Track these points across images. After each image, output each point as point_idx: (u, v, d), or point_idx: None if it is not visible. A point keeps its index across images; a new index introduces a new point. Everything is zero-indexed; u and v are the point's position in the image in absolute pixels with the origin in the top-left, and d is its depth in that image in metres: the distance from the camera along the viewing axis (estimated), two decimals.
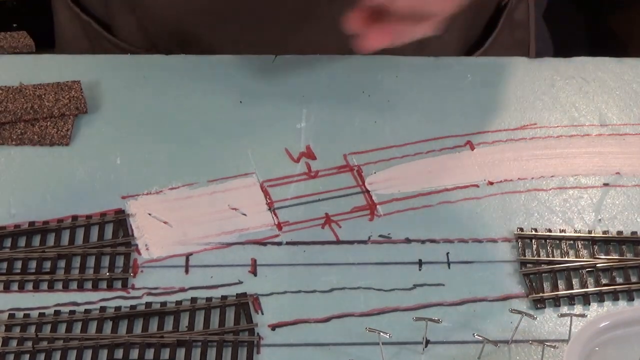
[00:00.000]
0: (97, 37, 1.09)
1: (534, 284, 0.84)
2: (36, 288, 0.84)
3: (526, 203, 0.90)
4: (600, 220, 0.89)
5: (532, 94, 0.99)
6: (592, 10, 1.21)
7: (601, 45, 1.35)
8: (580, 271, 0.85)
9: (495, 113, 0.97)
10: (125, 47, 1.06)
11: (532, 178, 0.92)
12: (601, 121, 0.97)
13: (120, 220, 0.88)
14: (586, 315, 0.82)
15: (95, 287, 0.84)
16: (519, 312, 0.80)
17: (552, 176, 0.92)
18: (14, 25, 1.83)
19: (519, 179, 0.92)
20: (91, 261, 0.86)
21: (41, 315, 0.82)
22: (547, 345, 0.78)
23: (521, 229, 0.88)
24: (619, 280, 0.85)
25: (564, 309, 0.83)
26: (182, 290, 0.84)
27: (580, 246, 0.87)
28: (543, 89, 1.00)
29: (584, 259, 0.86)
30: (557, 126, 0.96)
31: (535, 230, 0.88)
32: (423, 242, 0.87)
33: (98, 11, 1.09)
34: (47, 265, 0.85)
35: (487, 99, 0.99)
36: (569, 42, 1.14)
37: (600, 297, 0.84)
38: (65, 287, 0.84)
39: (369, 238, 0.88)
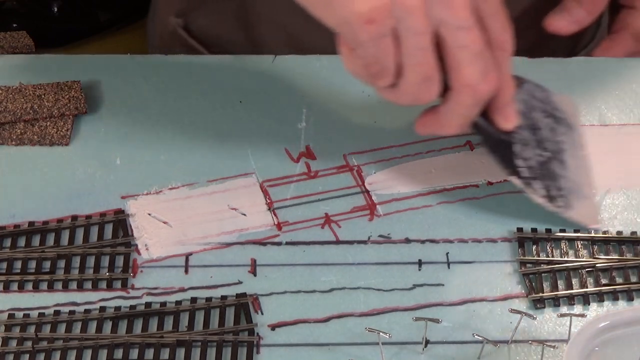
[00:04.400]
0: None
1: (533, 284, 0.84)
2: (36, 288, 0.84)
3: (526, 203, 0.90)
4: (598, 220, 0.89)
5: None
6: None
7: None
8: (580, 271, 0.85)
9: None
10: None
11: None
12: (601, 121, 0.97)
13: (120, 220, 0.88)
14: (586, 315, 0.82)
15: (94, 287, 0.84)
16: (519, 312, 0.80)
17: None
18: (14, 25, 1.83)
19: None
20: (91, 261, 0.86)
21: (41, 315, 0.82)
22: (547, 345, 0.78)
23: (520, 229, 0.88)
24: (619, 280, 0.85)
25: (564, 309, 0.83)
26: (182, 290, 0.84)
27: (579, 246, 0.87)
28: None
29: (584, 259, 0.86)
30: None
31: (535, 230, 0.88)
32: (423, 242, 0.87)
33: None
34: (47, 265, 0.85)
35: None
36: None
37: (600, 297, 0.84)
38: (65, 287, 0.84)
39: (369, 238, 0.87)
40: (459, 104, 0.79)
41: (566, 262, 0.85)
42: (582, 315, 0.81)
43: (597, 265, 0.85)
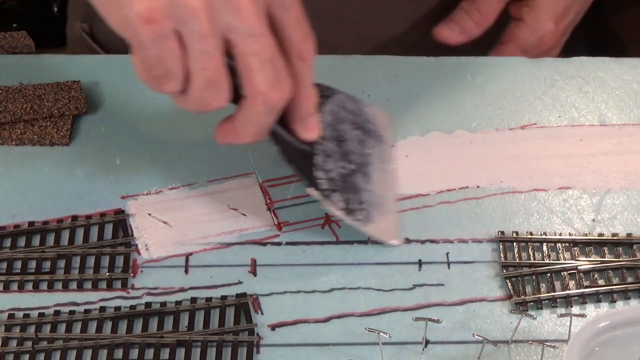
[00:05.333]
0: None
1: (515, 287, 0.84)
2: (36, 288, 0.84)
3: (526, 203, 0.90)
4: (593, 220, 0.89)
5: (532, 94, 0.99)
6: (592, 11, 1.22)
7: (601, 45, 1.35)
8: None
9: (495, 113, 0.97)
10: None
11: (531, 177, 0.92)
12: (601, 121, 0.97)
13: (120, 221, 0.88)
14: (586, 315, 0.82)
15: (95, 287, 0.84)
16: (519, 312, 0.80)
17: (552, 176, 0.92)
18: (14, 25, 1.83)
19: (518, 179, 0.92)
20: (91, 261, 0.86)
21: (41, 315, 0.82)
22: (547, 345, 0.78)
23: (502, 232, 0.87)
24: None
25: (562, 310, 0.83)
26: (182, 290, 0.84)
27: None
28: (543, 89, 1.00)
29: (569, 261, 0.85)
30: (557, 126, 0.96)
31: (517, 233, 0.87)
32: (423, 242, 0.87)
33: None
34: (47, 265, 0.85)
35: (487, 99, 0.99)
36: (568, 42, 1.14)
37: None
38: (65, 287, 0.84)
39: (369, 238, 0.87)
40: (252, 111, 0.78)
41: (549, 264, 0.85)
42: (582, 315, 0.81)
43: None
